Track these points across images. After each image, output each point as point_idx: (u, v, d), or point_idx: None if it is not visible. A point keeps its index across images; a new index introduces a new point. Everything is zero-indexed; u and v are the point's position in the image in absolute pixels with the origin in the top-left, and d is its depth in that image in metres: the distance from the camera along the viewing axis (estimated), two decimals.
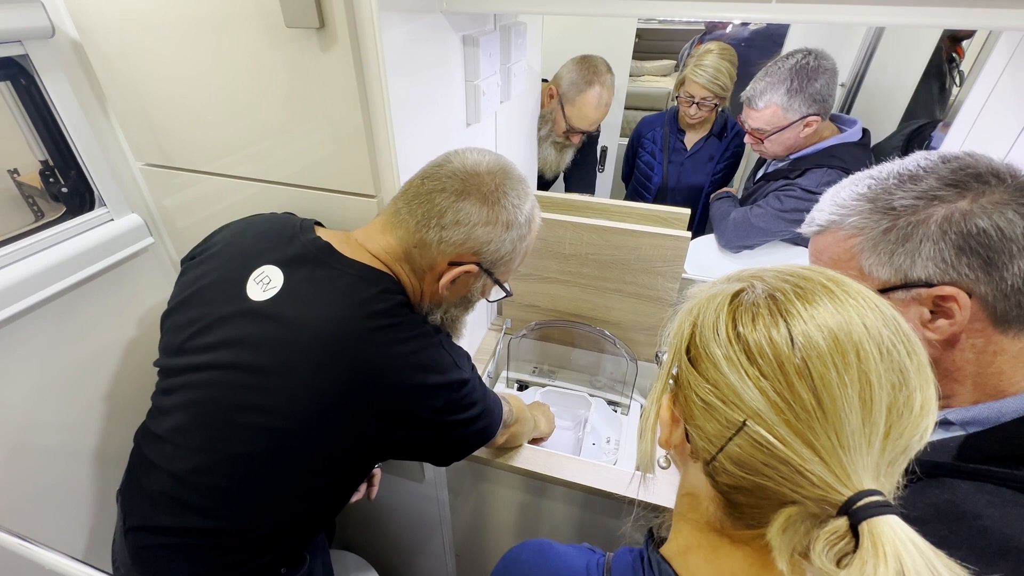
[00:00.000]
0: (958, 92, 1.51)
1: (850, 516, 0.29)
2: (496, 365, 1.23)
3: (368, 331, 0.60)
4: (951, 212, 0.47)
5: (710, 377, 0.35)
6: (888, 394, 0.32)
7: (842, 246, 0.53)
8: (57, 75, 0.78)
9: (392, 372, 0.60)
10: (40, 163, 0.84)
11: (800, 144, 1.21)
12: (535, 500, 1.02)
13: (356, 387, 0.59)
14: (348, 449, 0.62)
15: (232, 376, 0.61)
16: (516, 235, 0.66)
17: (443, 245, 0.63)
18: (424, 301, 0.70)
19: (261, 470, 0.61)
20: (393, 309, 0.62)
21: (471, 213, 0.63)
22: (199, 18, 0.69)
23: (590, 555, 0.45)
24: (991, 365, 0.48)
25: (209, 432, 0.62)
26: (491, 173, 0.65)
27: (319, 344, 0.59)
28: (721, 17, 0.69)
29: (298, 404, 0.59)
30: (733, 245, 1.30)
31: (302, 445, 0.60)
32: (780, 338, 0.33)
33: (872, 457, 0.31)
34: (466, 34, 0.82)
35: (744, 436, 0.33)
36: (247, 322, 0.62)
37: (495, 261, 0.66)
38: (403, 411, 0.61)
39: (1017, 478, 0.42)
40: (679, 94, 1.50)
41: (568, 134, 1.45)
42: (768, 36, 1.88)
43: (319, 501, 0.67)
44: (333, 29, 0.62)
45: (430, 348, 0.63)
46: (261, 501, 0.62)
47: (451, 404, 0.64)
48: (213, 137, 0.80)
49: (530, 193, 0.69)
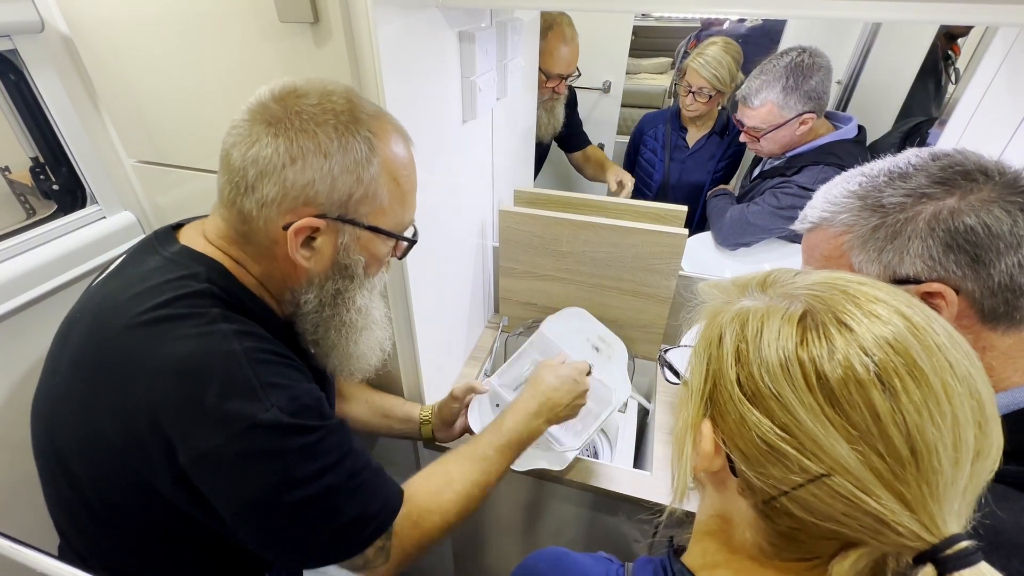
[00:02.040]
0: (954, 89, 1.51)
1: (938, 564, 0.28)
2: (493, 363, 1.23)
3: (140, 324, 0.47)
4: (939, 209, 0.47)
5: (778, 420, 0.31)
6: (974, 436, 0.30)
7: (833, 243, 0.53)
8: (47, 71, 0.77)
9: (146, 375, 0.46)
10: (31, 160, 0.83)
11: (796, 142, 1.21)
12: (534, 498, 1.02)
13: (110, 388, 0.48)
14: (144, 498, 0.49)
15: (44, 377, 0.57)
16: (347, 161, 0.50)
17: (264, 210, 0.49)
18: (290, 287, 0.56)
19: (74, 487, 0.53)
20: (183, 298, 0.49)
21: (268, 156, 0.48)
22: (191, 12, 0.68)
23: (609, 565, 0.44)
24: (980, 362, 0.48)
25: (37, 441, 0.57)
26: (278, 98, 0.50)
27: (82, 338, 0.51)
28: (718, 13, 0.69)
29: (68, 414, 0.51)
30: (730, 243, 1.30)
31: (92, 476, 0.51)
32: (867, 379, 0.29)
33: (958, 501, 0.30)
34: (462, 30, 0.82)
35: (822, 486, 0.30)
36: (71, 313, 0.57)
37: (342, 203, 0.51)
38: (169, 434, 0.45)
39: (1007, 473, 0.43)
40: (680, 83, 1.49)
41: (552, 87, 1.44)
42: (764, 33, 1.88)
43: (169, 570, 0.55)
44: (327, 24, 0.62)
45: (218, 355, 0.47)
46: (107, 538, 0.54)
47: (222, 450, 0.45)
48: (207, 133, 0.79)
49: (356, 103, 0.52)
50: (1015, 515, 0.41)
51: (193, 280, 0.50)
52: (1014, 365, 0.47)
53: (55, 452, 0.53)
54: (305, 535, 0.49)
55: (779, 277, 0.38)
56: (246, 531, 0.49)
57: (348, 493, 0.51)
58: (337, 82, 0.53)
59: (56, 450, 0.53)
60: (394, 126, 0.55)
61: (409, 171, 0.56)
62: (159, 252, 0.54)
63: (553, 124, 1.54)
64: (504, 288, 1.17)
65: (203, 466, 0.46)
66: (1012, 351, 0.47)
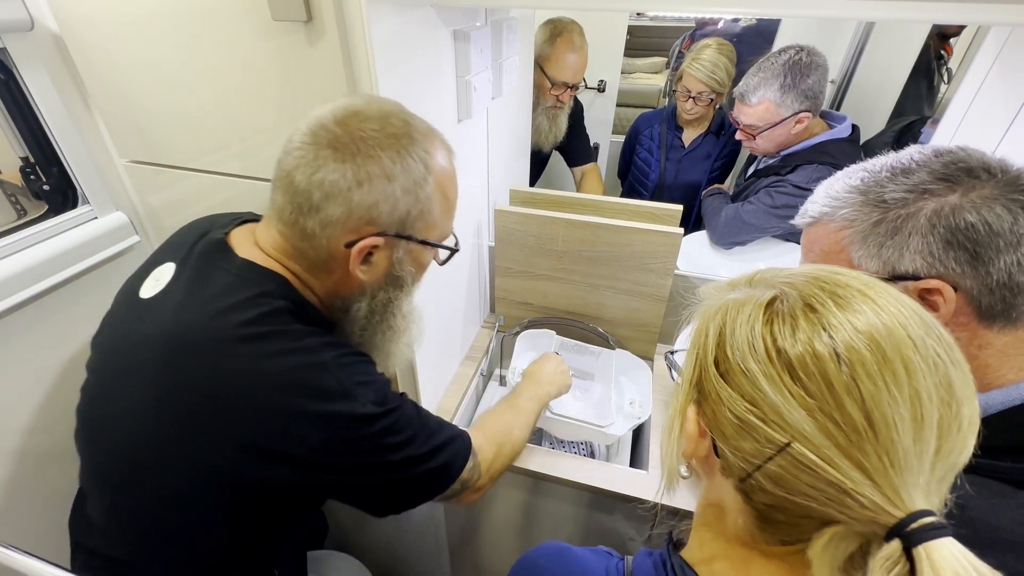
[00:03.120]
0: (946, 89, 1.52)
1: (903, 539, 0.28)
2: (489, 363, 1.23)
3: (229, 341, 0.50)
4: (940, 206, 0.47)
5: (746, 394, 0.33)
6: (938, 409, 0.30)
7: (833, 238, 0.53)
8: (37, 69, 0.76)
9: (250, 392, 0.50)
10: (21, 160, 0.82)
11: (791, 140, 1.21)
12: (530, 498, 1.02)
13: (201, 408, 0.50)
14: (217, 485, 0.52)
15: (97, 382, 0.57)
16: (408, 183, 0.53)
17: (327, 229, 0.52)
18: (341, 296, 0.59)
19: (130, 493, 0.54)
20: (268, 316, 0.52)
21: (336, 180, 0.50)
22: (183, 11, 0.67)
23: (609, 559, 0.44)
24: (976, 359, 0.48)
25: (86, 446, 0.58)
26: (340, 121, 0.52)
27: (166, 351, 0.51)
28: (712, 13, 0.69)
29: (144, 421, 0.52)
30: (725, 241, 1.30)
31: (159, 470, 0.52)
32: (825, 353, 0.31)
33: (923, 476, 0.30)
34: (457, 29, 0.82)
35: (786, 456, 0.32)
36: (123, 322, 0.57)
37: (401, 222, 0.54)
38: (269, 444, 0.50)
39: (1003, 469, 0.43)
40: (676, 88, 1.50)
41: (556, 95, 1.44)
42: (759, 33, 1.89)
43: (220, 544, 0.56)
44: (321, 22, 0.61)
45: (310, 368, 0.52)
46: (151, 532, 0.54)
47: (336, 444, 0.52)
48: (199, 133, 0.78)
49: (413, 124, 0.55)
50: (1011, 512, 0.41)
51: (270, 297, 0.54)
52: (1009, 363, 0.47)
53: (119, 458, 0.54)
54: (408, 488, 0.59)
55: (766, 273, 0.39)
56: (354, 499, 0.58)
57: (429, 445, 0.59)
58: (390, 100, 0.57)
59: (121, 456, 0.54)
60: (442, 142, 0.58)
61: (454, 184, 0.60)
62: (222, 267, 0.56)
63: (555, 133, 1.53)
64: (500, 287, 1.17)
65: (317, 458, 0.51)
66: (1008, 349, 0.47)
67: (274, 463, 0.51)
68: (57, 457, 0.87)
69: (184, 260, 0.57)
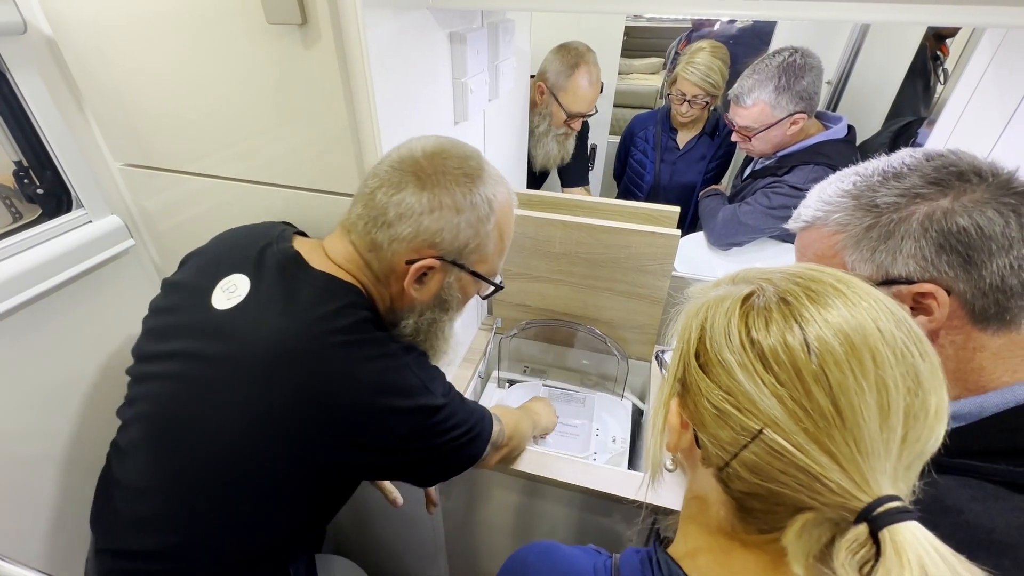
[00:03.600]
0: (942, 89, 1.53)
1: (870, 523, 0.29)
2: (487, 365, 1.22)
3: (329, 347, 0.56)
4: (932, 210, 0.47)
5: (723, 384, 0.35)
6: (905, 398, 0.31)
7: (826, 242, 0.53)
8: (30, 73, 0.76)
9: (350, 393, 0.56)
10: (14, 163, 0.81)
11: (787, 142, 1.21)
12: (527, 501, 1.01)
13: (308, 408, 0.55)
14: (309, 472, 0.58)
15: (184, 388, 0.59)
16: (472, 217, 0.60)
17: (395, 244, 0.59)
18: (395, 309, 0.66)
19: (211, 489, 0.57)
20: (357, 325, 0.59)
21: (412, 203, 0.58)
22: (177, 14, 0.67)
23: (597, 556, 0.45)
24: (971, 361, 0.48)
25: (158, 447, 0.59)
26: (428, 156, 0.60)
27: (267, 359, 0.56)
28: (709, 14, 0.69)
29: (245, 422, 0.56)
30: (722, 243, 1.30)
31: (251, 464, 0.56)
32: (795, 343, 0.33)
33: (890, 462, 0.31)
34: (453, 31, 0.81)
35: (760, 443, 0.33)
36: (206, 332, 0.60)
37: (459, 251, 0.61)
38: (363, 436, 0.57)
39: (998, 472, 0.43)
40: (671, 92, 1.50)
41: (568, 122, 1.45)
42: (755, 34, 1.89)
43: (286, 525, 0.62)
44: (316, 25, 0.61)
45: (396, 369, 0.59)
46: (217, 522, 0.58)
47: (418, 431, 0.60)
48: (194, 136, 0.78)
49: (484, 170, 0.63)
50: (1006, 514, 0.41)
51: (355, 308, 0.60)
52: (1004, 365, 0.47)
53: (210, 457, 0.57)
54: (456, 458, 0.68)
55: (749, 271, 0.40)
56: (411, 473, 0.66)
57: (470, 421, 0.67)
58: (470, 145, 0.65)
59: (210, 455, 0.57)
60: (508, 189, 0.66)
61: (511, 229, 0.68)
62: (304, 279, 0.61)
63: (562, 156, 1.54)
64: None
65: (399, 444, 0.59)
66: (1002, 351, 0.47)
67: (364, 452, 0.58)
68: (51, 463, 0.86)
69: (257, 272, 0.62)
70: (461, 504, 1.10)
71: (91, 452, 0.91)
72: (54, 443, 0.87)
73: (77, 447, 0.90)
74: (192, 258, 0.71)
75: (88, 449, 0.91)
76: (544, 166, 1.51)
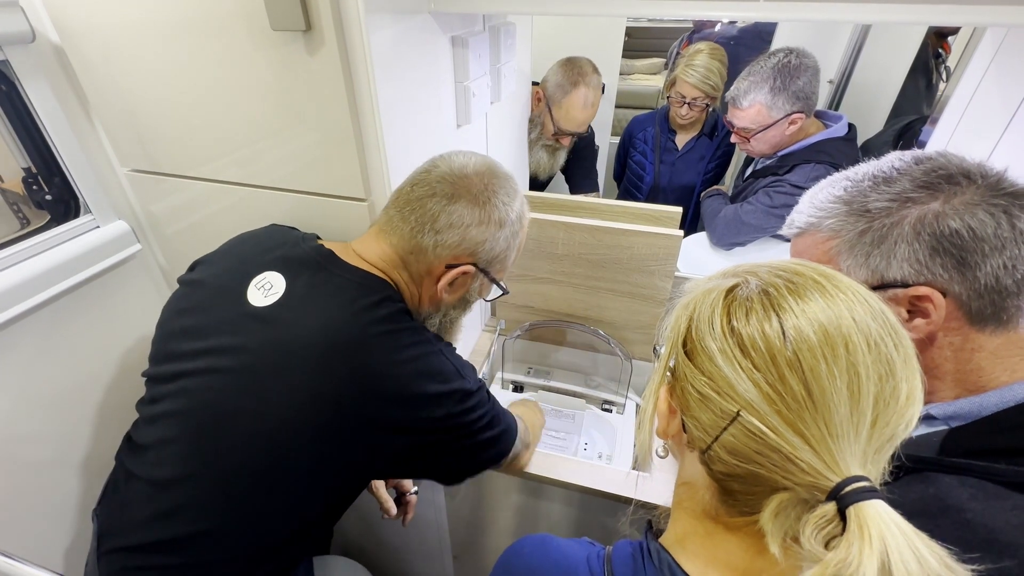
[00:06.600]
0: (944, 88, 1.52)
1: (838, 501, 0.31)
2: (491, 366, 1.23)
3: (371, 337, 0.60)
4: (924, 214, 0.47)
5: (705, 369, 0.37)
6: (875, 385, 0.33)
7: (820, 248, 0.54)
8: (39, 80, 0.77)
9: (392, 379, 0.59)
10: (23, 170, 0.82)
11: (786, 141, 1.22)
12: (531, 501, 1.02)
13: (354, 393, 0.58)
14: (346, 458, 0.61)
15: (227, 381, 0.60)
16: (509, 232, 0.68)
17: (439, 249, 0.64)
18: (422, 306, 0.70)
19: (252, 477, 0.59)
20: (395, 315, 0.63)
21: (463, 215, 0.64)
22: (183, 21, 0.68)
23: (590, 548, 0.46)
24: (969, 362, 0.49)
25: (199, 439, 0.60)
26: (479, 174, 0.66)
27: (319, 348, 0.59)
28: (709, 16, 0.69)
29: (294, 409, 0.58)
30: (724, 242, 1.30)
31: (297, 453, 0.59)
32: (772, 332, 0.34)
33: (860, 445, 0.33)
34: (455, 35, 0.82)
35: (738, 426, 0.35)
36: (247, 327, 0.62)
37: (491, 260, 0.68)
38: (402, 420, 0.60)
39: (998, 471, 0.43)
40: (670, 94, 1.50)
41: (557, 136, 1.45)
42: (756, 34, 1.89)
43: (315, 512, 0.65)
44: (320, 31, 0.62)
45: (432, 355, 0.63)
46: (251, 510, 0.60)
47: (453, 415, 0.63)
48: (200, 142, 0.79)
49: (518, 190, 0.70)
50: (1006, 514, 0.41)
51: (391, 301, 0.64)
52: (1002, 364, 0.48)
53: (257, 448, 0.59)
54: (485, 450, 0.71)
55: (738, 266, 0.41)
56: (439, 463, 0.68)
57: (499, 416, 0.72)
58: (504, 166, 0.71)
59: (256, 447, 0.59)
60: (526, 203, 0.73)
61: (525, 240, 0.75)
62: (341, 274, 0.64)
63: (552, 167, 1.53)
64: None
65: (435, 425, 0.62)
66: (1000, 351, 0.48)
67: (403, 435, 0.61)
68: (58, 467, 0.87)
69: (290, 269, 0.65)
70: (465, 504, 1.10)
71: (100, 454, 0.92)
72: (62, 446, 0.87)
73: (86, 450, 0.90)
74: (206, 261, 0.72)
75: (97, 451, 0.92)
76: (534, 172, 1.51)
